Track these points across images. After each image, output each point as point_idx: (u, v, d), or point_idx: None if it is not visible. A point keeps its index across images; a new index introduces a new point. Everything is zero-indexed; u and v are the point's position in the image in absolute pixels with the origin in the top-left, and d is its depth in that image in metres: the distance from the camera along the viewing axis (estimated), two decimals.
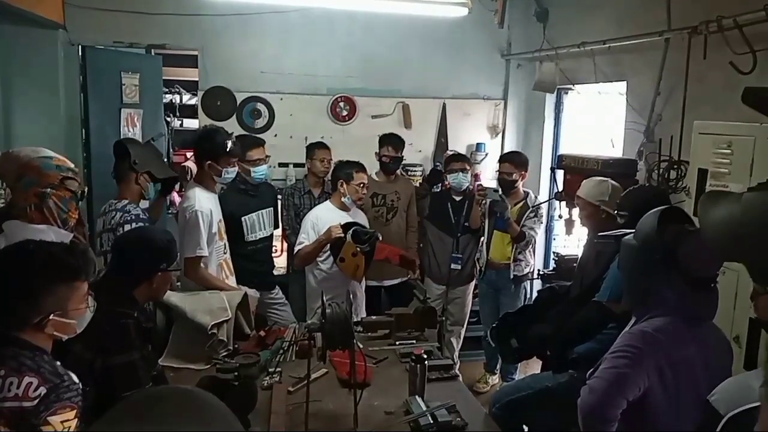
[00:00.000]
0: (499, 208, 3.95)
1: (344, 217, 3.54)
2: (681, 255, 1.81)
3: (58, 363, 1.58)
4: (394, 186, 4.32)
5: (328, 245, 3.43)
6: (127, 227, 2.92)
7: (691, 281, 1.82)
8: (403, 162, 4.55)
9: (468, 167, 4.21)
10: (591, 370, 1.94)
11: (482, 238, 4.20)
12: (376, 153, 4.34)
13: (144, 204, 3.03)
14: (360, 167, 3.64)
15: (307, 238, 3.54)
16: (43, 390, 1.48)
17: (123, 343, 1.98)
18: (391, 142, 4.29)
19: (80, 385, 1.57)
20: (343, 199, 3.61)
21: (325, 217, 3.55)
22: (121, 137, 4.25)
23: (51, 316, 1.58)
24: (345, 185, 3.58)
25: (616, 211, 2.81)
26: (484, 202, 4.02)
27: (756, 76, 2.77)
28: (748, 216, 1.44)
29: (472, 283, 4.42)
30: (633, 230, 2.01)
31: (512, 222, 3.99)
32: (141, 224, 2.95)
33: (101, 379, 1.89)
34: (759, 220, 1.42)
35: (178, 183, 3.70)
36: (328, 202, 3.74)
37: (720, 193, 1.68)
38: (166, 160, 4.47)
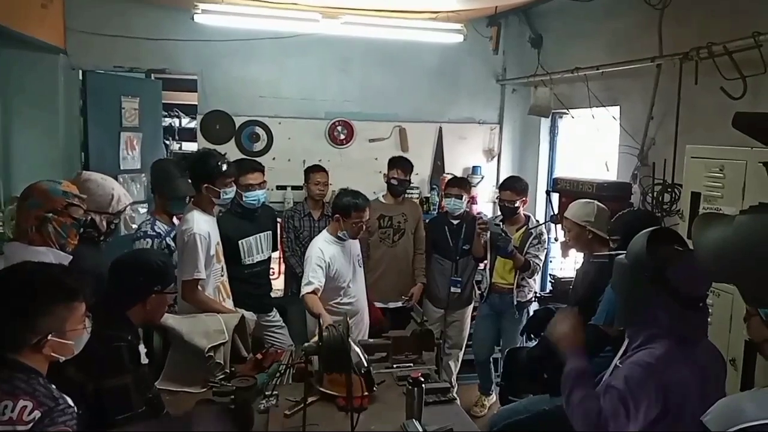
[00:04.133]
0: (502, 243, 3.94)
1: (341, 249, 3.44)
2: (670, 274, 1.83)
3: (54, 386, 1.58)
4: (401, 208, 4.35)
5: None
6: (137, 243, 3.02)
7: (681, 300, 1.83)
8: None
9: (465, 194, 4.23)
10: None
11: (485, 262, 4.21)
12: (384, 175, 4.39)
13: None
14: (360, 205, 3.37)
15: (315, 277, 3.29)
16: (37, 414, 1.47)
17: (116, 367, 1.97)
18: (400, 165, 4.37)
19: (75, 408, 1.57)
20: (339, 233, 3.44)
21: (329, 250, 3.39)
22: (120, 160, 4.29)
23: (49, 337, 1.58)
24: (341, 221, 3.39)
25: (609, 236, 2.84)
26: (484, 236, 4.05)
27: (747, 101, 2.81)
28: (740, 238, 1.46)
29: (471, 306, 4.42)
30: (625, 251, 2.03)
31: (517, 254, 3.99)
32: (149, 240, 3.03)
33: (94, 402, 1.88)
34: (750, 242, 1.43)
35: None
36: (325, 232, 3.53)
37: (714, 215, 1.71)
38: None
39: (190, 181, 3.24)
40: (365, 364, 2.34)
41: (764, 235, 1.46)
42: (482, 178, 5.38)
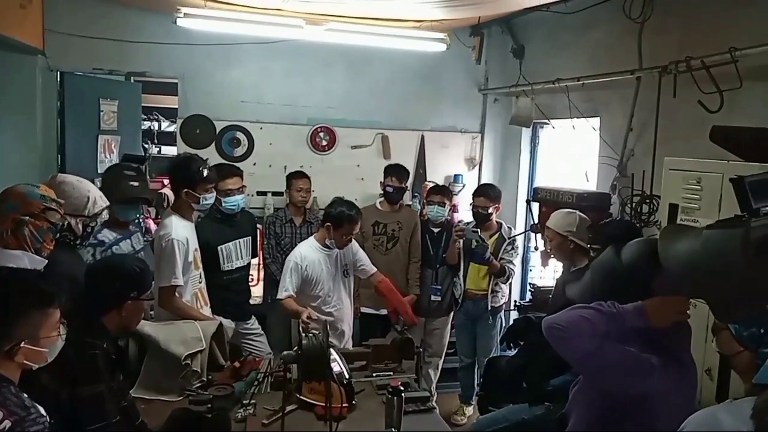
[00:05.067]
0: (480, 249, 3.96)
1: (326, 257, 3.45)
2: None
3: (26, 395, 1.54)
4: (397, 216, 4.33)
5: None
6: (83, 251, 2.90)
7: None
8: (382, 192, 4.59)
9: (447, 201, 4.26)
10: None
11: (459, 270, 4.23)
12: (381, 182, 4.39)
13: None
14: (353, 218, 3.37)
15: (291, 282, 3.33)
16: (7, 423, 1.44)
17: (90, 375, 1.93)
18: (396, 172, 4.35)
19: (47, 417, 1.53)
20: (327, 241, 3.44)
21: (310, 256, 3.41)
22: (98, 164, 4.23)
23: (22, 344, 1.54)
24: (332, 230, 3.38)
25: (588, 245, 2.86)
26: (459, 242, 4.06)
27: (723, 114, 2.86)
28: (709, 254, 1.45)
29: (451, 315, 4.42)
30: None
31: (494, 260, 4.02)
32: (90, 249, 2.94)
33: (67, 411, 1.84)
34: (720, 258, 1.42)
35: (155, 210, 3.69)
36: (312, 238, 3.55)
37: (680, 227, 1.69)
38: None
39: (137, 184, 3.12)
40: (347, 376, 2.33)
41: (733, 251, 1.45)
42: (464, 186, 5.40)
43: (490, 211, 4.13)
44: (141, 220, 4.22)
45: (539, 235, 4.01)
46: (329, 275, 3.46)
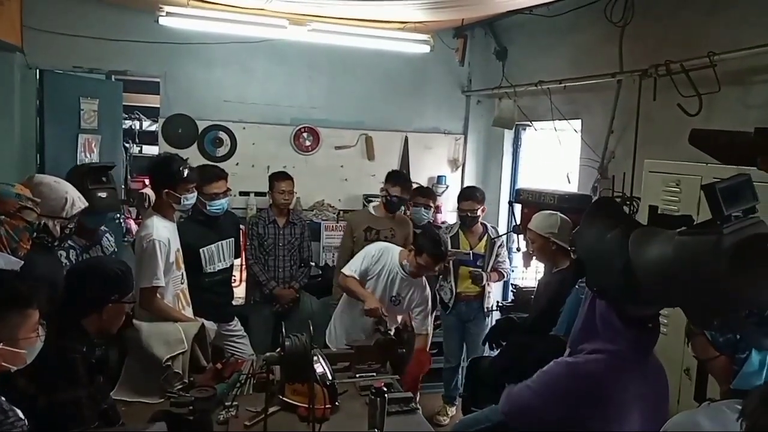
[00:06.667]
0: (478, 279, 4.18)
1: (394, 272, 3.42)
2: None
3: (3, 398, 1.52)
4: (391, 223, 4.19)
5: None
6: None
7: (632, 319, 1.74)
8: (366, 193, 4.58)
9: (432, 203, 4.29)
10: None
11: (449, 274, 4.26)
12: (381, 188, 4.29)
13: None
14: (435, 256, 3.29)
15: (359, 266, 3.39)
16: None
17: (68, 379, 1.90)
18: (402, 182, 4.23)
19: (26, 421, 1.51)
20: (404, 262, 3.41)
21: (386, 258, 3.44)
22: (78, 163, 4.17)
23: (0, 346, 1.52)
24: (413, 255, 3.35)
25: (571, 248, 2.89)
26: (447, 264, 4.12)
27: (702, 117, 2.91)
28: (683, 262, 1.42)
29: (433, 315, 4.43)
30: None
31: (493, 276, 4.22)
32: (66, 252, 2.82)
33: (44, 415, 1.82)
34: (695, 266, 1.40)
35: (136, 210, 3.63)
36: (399, 250, 3.51)
37: (651, 230, 1.64)
38: (123, 186, 4.40)
39: (105, 195, 2.94)
40: (330, 377, 2.32)
41: (706, 259, 1.41)
42: (447, 187, 5.43)
43: (478, 213, 4.17)
44: (122, 221, 4.19)
45: (521, 236, 4.05)
46: (383, 286, 3.42)
